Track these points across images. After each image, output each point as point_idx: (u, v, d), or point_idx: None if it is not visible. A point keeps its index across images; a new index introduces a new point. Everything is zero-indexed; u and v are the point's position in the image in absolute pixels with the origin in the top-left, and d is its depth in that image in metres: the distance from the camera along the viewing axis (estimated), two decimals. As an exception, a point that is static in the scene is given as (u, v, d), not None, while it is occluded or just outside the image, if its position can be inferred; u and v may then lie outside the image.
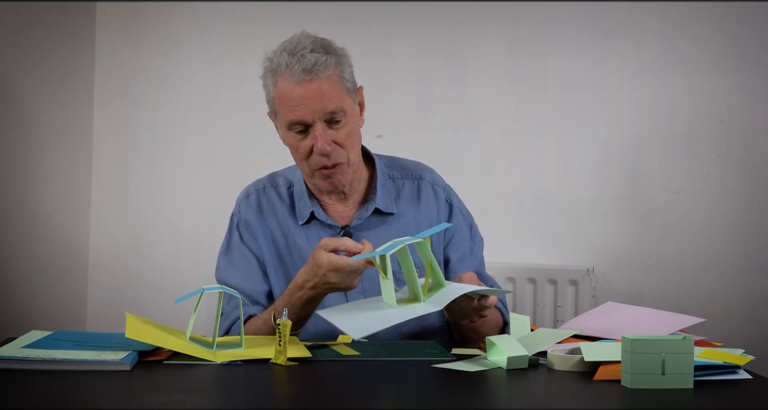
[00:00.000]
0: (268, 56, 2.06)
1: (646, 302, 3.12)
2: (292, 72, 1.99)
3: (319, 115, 2.01)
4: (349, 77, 2.07)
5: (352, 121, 2.07)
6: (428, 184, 2.22)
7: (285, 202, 2.18)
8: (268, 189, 2.22)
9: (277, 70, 2.02)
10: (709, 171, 3.16)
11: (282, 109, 2.03)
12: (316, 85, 1.99)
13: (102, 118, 3.35)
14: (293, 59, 2.00)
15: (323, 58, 2.01)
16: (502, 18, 3.25)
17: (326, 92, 2.00)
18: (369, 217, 2.14)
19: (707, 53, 3.15)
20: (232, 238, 2.21)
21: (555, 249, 3.23)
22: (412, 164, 2.26)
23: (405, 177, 2.22)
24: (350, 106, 2.06)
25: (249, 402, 1.45)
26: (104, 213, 3.35)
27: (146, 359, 1.70)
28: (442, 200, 2.22)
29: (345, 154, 2.06)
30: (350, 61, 2.09)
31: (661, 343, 1.55)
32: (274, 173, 2.27)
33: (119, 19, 3.33)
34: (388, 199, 2.17)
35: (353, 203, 2.18)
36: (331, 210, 2.17)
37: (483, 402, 1.53)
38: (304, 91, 1.99)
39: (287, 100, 2.01)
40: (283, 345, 1.73)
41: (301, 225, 2.15)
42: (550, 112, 3.24)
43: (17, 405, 1.42)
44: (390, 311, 1.76)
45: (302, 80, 1.99)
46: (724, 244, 3.14)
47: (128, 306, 3.31)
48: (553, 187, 3.24)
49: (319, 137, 2.01)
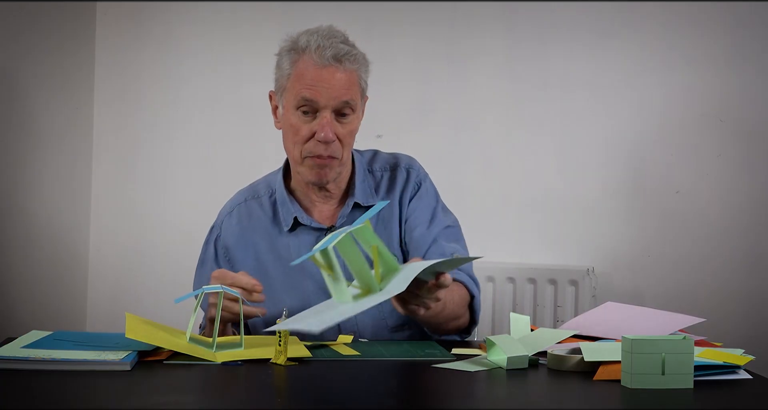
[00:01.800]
0: (292, 37, 2.07)
1: (646, 302, 3.12)
2: (321, 54, 2.00)
3: (332, 102, 2.01)
4: (365, 80, 2.09)
5: (356, 121, 2.08)
6: (403, 170, 2.20)
7: (267, 213, 2.17)
8: (250, 202, 2.21)
9: (305, 49, 2.03)
10: (709, 171, 3.16)
11: (296, 86, 2.03)
12: (339, 74, 2.01)
13: (102, 118, 3.35)
14: (326, 42, 2.02)
15: (354, 52, 2.04)
16: (502, 18, 3.25)
17: (345, 83, 2.02)
18: (351, 213, 2.13)
19: (707, 53, 3.15)
20: (207, 253, 2.20)
21: (555, 249, 3.23)
22: (392, 155, 2.24)
23: (383, 169, 2.21)
24: (358, 107, 2.08)
25: (249, 402, 1.45)
26: (104, 214, 3.35)
27: (146, 359, 1.70)
28: (411, 182, 2.19)
29: (341, 150, 2.06)
30: (369, 66, 2.10)
31: (661, 343, 1.55)
32: (256, 183, 2.26)
33: (119, 19, 3.33)
34: (367, 192, 2.16)
35: (337, 202, 2.16)
36: (315, 212, 2.15)
37: (483, 402, 1.53)
38: (327, 75, 2.01)
39: (306, 78, 2.02)
40: (283, 345, 1.73)
41: (287, 233, 2.14)
42: (550, 112, 3.24)
43: (17, 405, 1.42)
44: (346, 306, 1.65)
45: (328, 65, 2.01)
46: (724, 244, 3.14)
47: (128, 306, 3.31)
48: (553, 186, 3.24)
49: (326, 124, 2.01)
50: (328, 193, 2.15)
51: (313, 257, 1.65)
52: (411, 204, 2.17)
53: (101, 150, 3.35)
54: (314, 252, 1.64)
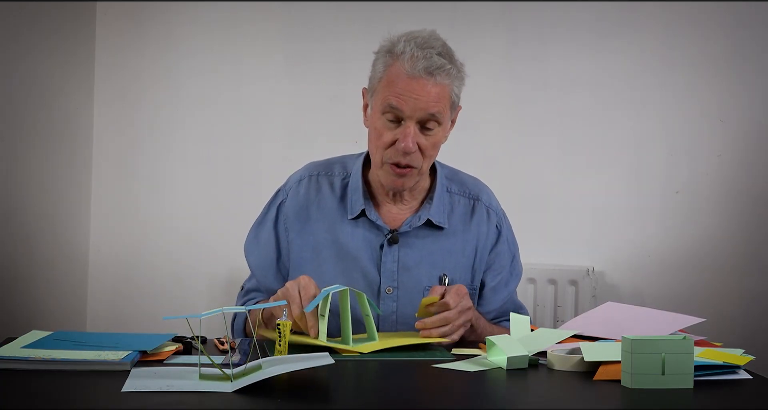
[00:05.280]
0: (392, 39, 2.06)
1: (646, 302, 3.12)
2: (414, 64, 1.99)
3: (417, 114, 2.01)
4: (458, 93, 2.08)
5: (441, 134, 2.07)
6: (483, 206, 2.22)
7: (336, 194, 2.17)
8: (321, 177, 2.19)
9: (401, 55, 2.01)
10: (709, 171, 3.16)
11: (385, 91, 2.02)
12: (429, 87, 2.00)
13: (102, 118, 3.35)
14: (420, 53, 2.00)
15: (448, 66, 2.03)
16: (502, 18, 3.25)
17: (434, 96, 2.01)
18: (418, 227, 2.13)
19: (707, 53, 3.15)
20: (268, 215, 2.20)
21: (555, 249, 3.23)
22: (472, 181, 2.26)
23: (462, 194, 2.22)
24: (446, 120, 2.07)
25: (249, 402, 1.45)
26: (104, 213, 3.35)
27: (146, 359, 1.70)
28: (492, 225, 2.21)
29: (421, 161, 2.06)
30: (465, 79, 2.10)
31: (661, 343, 1.55)
32: (331, 160, 2.24)
33: (119, 19, 3.33)
34: (442, 212, 2.16)
35: (408, 209, 2.16)
36: (384, 211, 2.15)
37: (483, 402, 1.53)
38: (416, 86, 1.99)
39: (395, 85, 2.00)
40: (283, 345, 1.73)
41: (348, 220, 2.14)
42: (550, 112, 3.24)
43: (17, 405, 1.42)
44: (294, 364, 1.68)
45: (419, 77, 1.99)
46: (724, 244, 3.15)
47: (128, 306, 3.31)
48: (553, 186, 3.24)
49: (409, 135, 2.01)
50: (402, 198, 2.16)
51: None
52: (492, 253, 2.20)
53: (101, 150, 3.35)
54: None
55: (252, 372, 1.55)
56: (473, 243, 2.17)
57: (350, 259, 2.10)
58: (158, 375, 1.58)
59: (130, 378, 1.56)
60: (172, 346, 1.79)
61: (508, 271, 2.22)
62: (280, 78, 3.29)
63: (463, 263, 2.15)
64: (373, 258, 2.11)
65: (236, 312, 2.04)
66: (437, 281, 2.12)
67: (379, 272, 2.10)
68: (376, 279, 2.10)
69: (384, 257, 2.10)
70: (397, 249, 2.11)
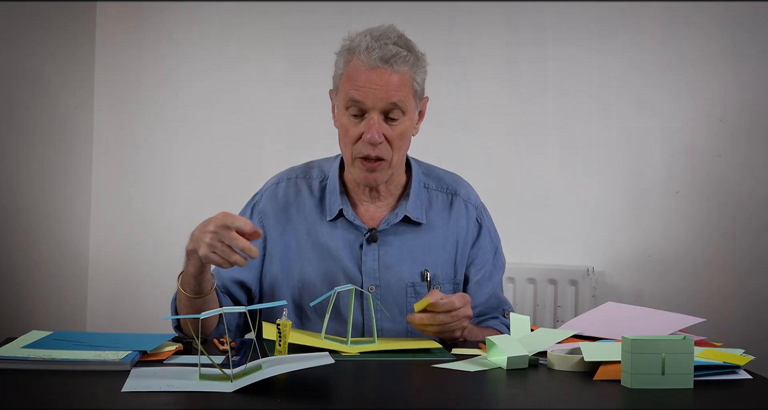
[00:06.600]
0: (350, 36, 2.08)
1: (646, 302, 3.12)
2: (370, 55, 2.01)
3: (379, 104, 2.01)
4: (420, 82, 2.08)
5: (408, 123, 2.07)
6: (461, 200, 2.21)
7: (314, 196, 2.17)
8: (300, 180, 2.20)
9: (356, 49, 2.03)
10: (709, 171, 3.16)
11: (346, 86, 2.04)
12: (387, 76, 2.01)
13: (102, 118, 3.35)
14: (375, 44, 2.02)
15: (404, 53, 2.03)
16: (502, 18, 3.25)
17: (394, 85, 2.02)
18: (397, 224, 2.14)
19: (707, 53, 3.15)
20: (243, 216, 2.18)
21: (555, 249, 3.23)
22: (449, 177, 2.25)
23: (439, 189, 2.21)
24: (411, 109, 2.07)
25: (249, 402, 1.45)
26: (104, 213, 3.35)
27: (146, 359, 1.70)
28: (472, 219, 2.21)
29: (390, 152, 2.06)
30: (426, 68, 2.10)
31: (661, 343, 1.55)
32: (310, 163, 2.25)
33: (119, 19, 3.33)
34: (419, 207, 2.16)
35: (385, 206, 2.17)
36: (362, 210, 2.16)
37: (483, 402, 1.53)
38: (375, 76, 2.01)
39: (355, 79, 2.02)
40: (283, 346, 1.73)
41: (327, 221, 2.14)
42: (550, 112, 3.24)
43: (17, 405, 1.42)
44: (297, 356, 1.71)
45: (376, 67, 2.01)
46: (724, 244, 3.15)
47: (128, 306, 3.31)
48: (553, 186, 3.24)
49: (373, 126, 2.02)
50: (378, 195, 2.16)
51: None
52: (474, 247, 2.20)
53: (101, 150, 3.35)
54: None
55: (252, 372, 1.55)
56: (453, 237, 2.18)
57: (332, 260, 2.11)
58: (158, 375, 1.58)
59: (130, 378, 1.56)
60: (172, 346, 1.79)
61: (492, 264, 2.23)
62: (280, 78, 3.29)
63: (445, 258, 2.16)
64: (353, 258, 2.11)
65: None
66: (419, 277, 2.12)
67: (361, 271, 2.11)
68: (358, 279, 2.10)
69: (364, 256, 2.11)
70: (377, 248, 2.12)
